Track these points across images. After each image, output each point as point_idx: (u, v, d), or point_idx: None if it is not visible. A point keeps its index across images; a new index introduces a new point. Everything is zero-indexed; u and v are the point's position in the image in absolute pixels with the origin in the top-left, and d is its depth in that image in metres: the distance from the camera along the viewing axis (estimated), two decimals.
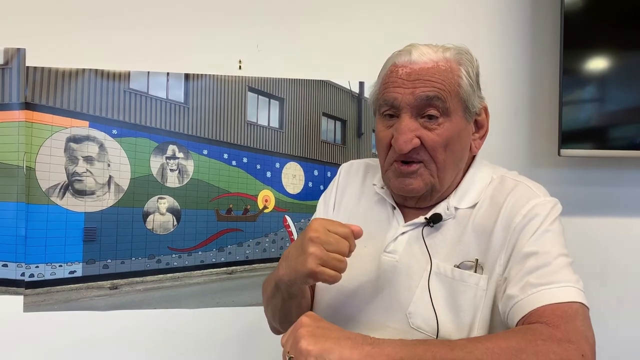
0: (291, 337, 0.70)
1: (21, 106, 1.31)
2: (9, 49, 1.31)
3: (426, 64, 0.85)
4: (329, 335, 0.68)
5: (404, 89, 0.84)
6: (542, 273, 0.77)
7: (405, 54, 0.87)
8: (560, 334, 0.69)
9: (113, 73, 1.35)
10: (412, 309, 0.85)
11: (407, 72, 0.85)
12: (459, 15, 1.47)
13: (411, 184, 0.86)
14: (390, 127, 0.87)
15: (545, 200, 0.84)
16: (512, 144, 1.50)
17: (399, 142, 0.84)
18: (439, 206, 0.90)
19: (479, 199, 0.89)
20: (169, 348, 1.39)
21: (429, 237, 0.88)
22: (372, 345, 0.68)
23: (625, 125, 1.44)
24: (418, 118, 0.85)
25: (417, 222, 0.90)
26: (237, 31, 1.39)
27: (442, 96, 0.84)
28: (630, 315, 1.52)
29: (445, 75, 0.85)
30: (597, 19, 1.40)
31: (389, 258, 0.90)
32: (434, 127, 0.85)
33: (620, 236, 1.52)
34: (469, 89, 0.86)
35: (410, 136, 0.84)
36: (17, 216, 1.31)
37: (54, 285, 1.33)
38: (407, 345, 0.68)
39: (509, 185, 0.88)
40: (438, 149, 0.85)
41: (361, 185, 1.02)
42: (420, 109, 0.84)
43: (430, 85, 0.83)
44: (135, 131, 1.36)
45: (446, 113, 0.85)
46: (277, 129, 1.43)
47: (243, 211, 1.42)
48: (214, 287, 1.41)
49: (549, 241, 0.80)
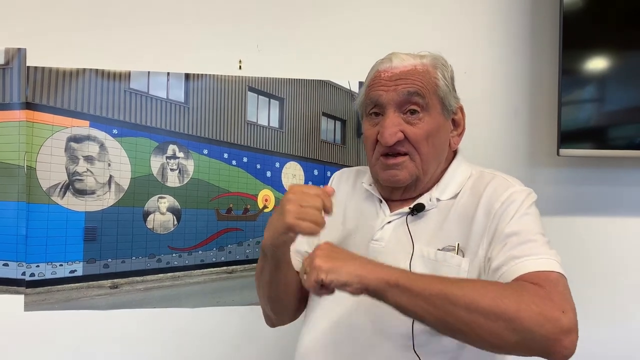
0: (309, 258, 0.80)
1: (22, 106, 1.31)
2: (10, 49, 1.31)
3: (405, 67, 0.95)
4: (339, 257, 0.79)
5: (387, 88, 0.94)
6: (524, 248, 0.82)
7: (386, 61, 0.97)
8: (544, 292, 0.74)
9: (113, 73, 1.35)
10: None
11: (389, 75, 0.95)
12: (459, 15, 1.48)
13: (397, 175, 0.94)
14: (376, 125, 0.96)
15: (522, 189, 0.91)
16: (511, 144, 1.50)
17: (384, 135, 0.92)
18: (422, 197, 0.97)
19: (459, 190, 0.96)
20: (169, 347, 1.39)
21: (412, 224, 0.95)
22: (374, 265, 0.78)
23: (625, 125, 1.44)
24: (401, 114, 0.94)
25: (402, 212, 0.98)
26: (237, 31, 1.40)
27: (421, 92, 0.93)
28: (629, 315, 1.52)
29: (424, 76, 0.94)
30: (596, 19, 1.40)
31: (377, 245, 0.97)
32: (416, 121, 0.93)
33: (619, 236, 1.52)
34: (445, 88, 0.96)
35: (395, 130, 0.92)
36: (17, 215, 1.31)
37: (55, 284, 1.33)
38: (405, 272, 0.79)
39: (487, 178, 0.95)
40: (421, 141, 0.93)
41: (352, 188, 1.10)
42: (402, 105, 0.93)
43: (410, 83, 0.93)
44: (136, 131, 1.36)
45: (426, 108, 0.94)
46: (277, 129, 1.44)
47: (243, 211, 1.42)
48: (214, 286, 1.41)
49: (528, 223, 0.86)
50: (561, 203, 1.23)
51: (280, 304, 1.05)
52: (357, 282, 0.76)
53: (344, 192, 1.10)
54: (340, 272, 0.76)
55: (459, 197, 0.95)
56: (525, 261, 0.80)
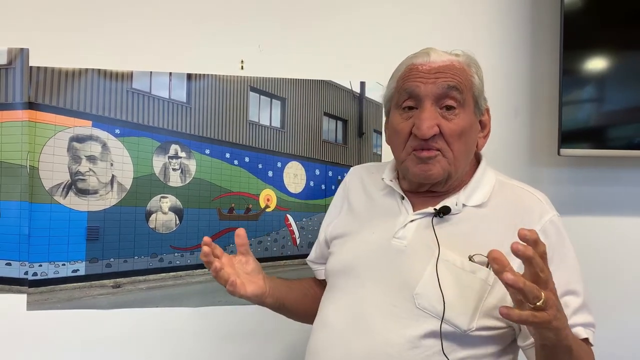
0: (550, 292, 0.74)
1: (24, 106, 1.31)
2: (13, 49, 1.32)
3: (444, 62, 0.92)
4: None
5: (425, 80, 0.91)
6: (584, 315, 0.91)
7: (423, 55, 0.94)
8: None
9: (116, 73, 1.35)
10: (419, 290, 0.89)
11: (427, 68, 0.92)
12: (459, 15, 1.48)
13: (430, 170, 0.91)
14: (409, 119, 0.93)
15: (554, 216, 0.93)
16: (512, 144, 1.50)
17: (422, 128, 0.89)
18: (448, 200, 0.95)
19: (486, 199, 0.95)
20: (171, 346, 1.40)
21: (437, 226, 0.93)
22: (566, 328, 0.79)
23: (626, 125, 1.44)
24: (437, 108, 0.91)
25: (426, 212, 0.95)
26: (239, 31, 1.40)
27: (460, 87, 0.91)
28: (630, 315, 1.52)
29: (461, 72, 0.93)
30: (597, 19, 1.41)
31: (398, 243, 0.94)
32: (452, 117, 0.91)
33: (620, 236, 1.52)
34: (480, 87, 0.95)
35: (433, 123, 0.89)
36: (20, 215, 1.31)
37: (57, 283, 1.33)
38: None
39: (516, 192, 0.96)
40: (455, 137, 0.91)
41: (371, 184, 1.08)
42: (440, 99, 0.91)
43: (450, 77, 0.91)
44: (138, 131, 1.36)
45: (462, 105, 0.91)
46: (278, 129, 1.44)
47: (245, 210, 1.43)
48: (216, 285, 1.39)
49: (574, 270, 0.91)
50: (562, 203, 1.21)
51: (307, 315, 1.09)
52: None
53: (358, 189, 1.09)
54: (562, 320, 0.74)
55: (488, 207, 0.94)
56: (585, 329, 0.89)
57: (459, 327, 0.86)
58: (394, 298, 0.90)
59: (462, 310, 0.86)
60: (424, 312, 0.88)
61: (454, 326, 0.86)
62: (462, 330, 0.86)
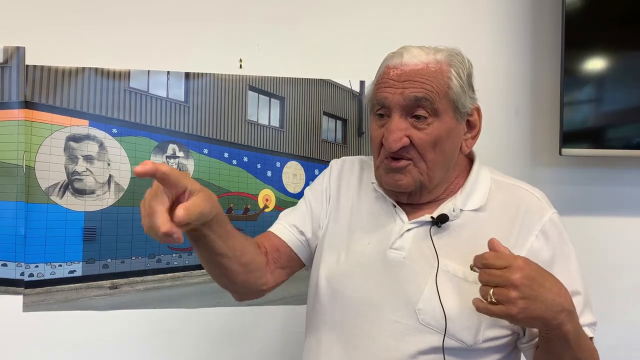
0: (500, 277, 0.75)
1: (21, 105, 1.30)
2: (9, 47, 1.30)
3: (417, 66, 0.87)
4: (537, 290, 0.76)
5: (394, 89, 0.87)
6: (589, 316, 0.91)
7: (397, 56, 0.90)
8: None
9: (113, 72, 1.34)
10: (421, 306, 0.86)
11: (398, 73, 0.88)
12: (460, 15, 1.47)
13: (400, 180, 0.89)
14: (382, 127, 0.90)
15: (554, 214, 0.91)
16: (513, 144, 1.50)
17: (388, 140, 0.87)
18: (444, 205, 0.92)
19: (484, 202, 0.91)
20: (169, 348, 1.39)
21: (436, 236, 0.90)
22: (568, 314, 0.79)
23: (627, 125, 1.44)
24: (408, 118, 0.88)
25: (422, 220, 0.92)
26: (237, 30, 1.39)
27: (430, 97, 0.86)
28: (629, 315, 1.52)
29: (435, 77, 0.87)
30: (598, 19, 1.40)
31: (396, 254, 0.90)
32: (423, 126, 0.87)
33: (621, 236, 1.52)
34: (459, 90, 0.88)
35: (400, 135, 0.87)
36: (16, 215, 1.30)
37: (54, 284, 1.32)
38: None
39: (514, 191, 0.93)
40: (427, 147, 0.87)
41: (358, 182, 1.03)
42: (409, 109, 0.87)
43: (419, 86, 0.86)
44: (136, 130, 1.35)
45: (435, 113, 0.87)
46: (277, 128, 1.43)
47: (243, 210, 1.41)
48: (214, 286, 1.39)
49: (576, 271, 0.90)
50: (563, 203, 1.22)
51: (230, 281, 0.92)
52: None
53: (350, 186, 1.03)
54: (539, 311, 0.74)
55: (487, 210, 0.91)
56: (589, 328, 0.89)
57: (465, 342, 0.85)
58: (397, 313, 0.88)
59: (466, 323, 0.84)
60: (428, 327, 0.85)
61: (459, 341, 0.85)
62: (469, 345, 0.85)
